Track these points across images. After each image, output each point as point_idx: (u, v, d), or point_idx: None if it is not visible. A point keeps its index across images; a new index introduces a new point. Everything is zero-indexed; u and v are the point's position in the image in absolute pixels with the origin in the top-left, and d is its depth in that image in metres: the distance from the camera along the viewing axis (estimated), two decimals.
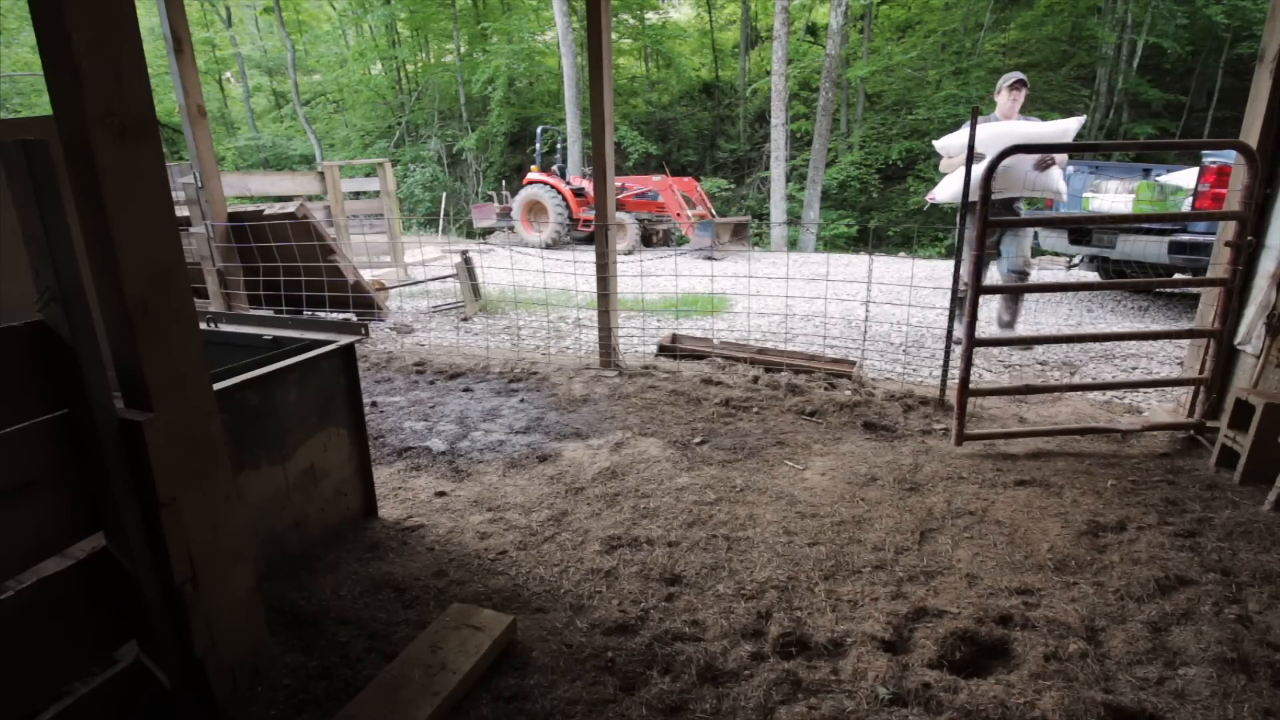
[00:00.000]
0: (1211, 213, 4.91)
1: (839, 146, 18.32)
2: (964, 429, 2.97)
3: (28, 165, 1.10)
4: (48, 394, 1.21)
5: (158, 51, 15.80)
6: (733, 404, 3.46)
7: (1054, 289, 3.20)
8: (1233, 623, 1.76)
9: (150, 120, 1.26)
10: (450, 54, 23.43)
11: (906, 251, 13.58)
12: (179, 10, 4.53)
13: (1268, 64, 2.68)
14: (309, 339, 2.21)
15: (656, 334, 5.05)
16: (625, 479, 2.68)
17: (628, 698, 1.54)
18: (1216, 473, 2.68)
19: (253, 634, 1.54)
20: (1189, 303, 6.57)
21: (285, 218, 4.96)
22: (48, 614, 1.21)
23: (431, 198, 20.10)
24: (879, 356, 4.75)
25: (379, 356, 4.47)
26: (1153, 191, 6.25)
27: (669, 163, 18.46)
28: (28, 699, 1.22)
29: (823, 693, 1.55)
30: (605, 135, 3.89)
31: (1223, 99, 16.05)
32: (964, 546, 2.17)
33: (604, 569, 2.06)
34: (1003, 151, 2.79)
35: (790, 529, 2.28)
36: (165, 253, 1.30)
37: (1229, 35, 15.60)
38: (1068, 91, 17.52)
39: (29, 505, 1.17)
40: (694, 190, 12.64)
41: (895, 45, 18.83)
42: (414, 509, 2.46)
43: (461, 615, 1.72)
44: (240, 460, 1.84)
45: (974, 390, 3.13)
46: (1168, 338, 3.32)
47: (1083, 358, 4.81)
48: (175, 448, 1.32)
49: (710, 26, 22.94)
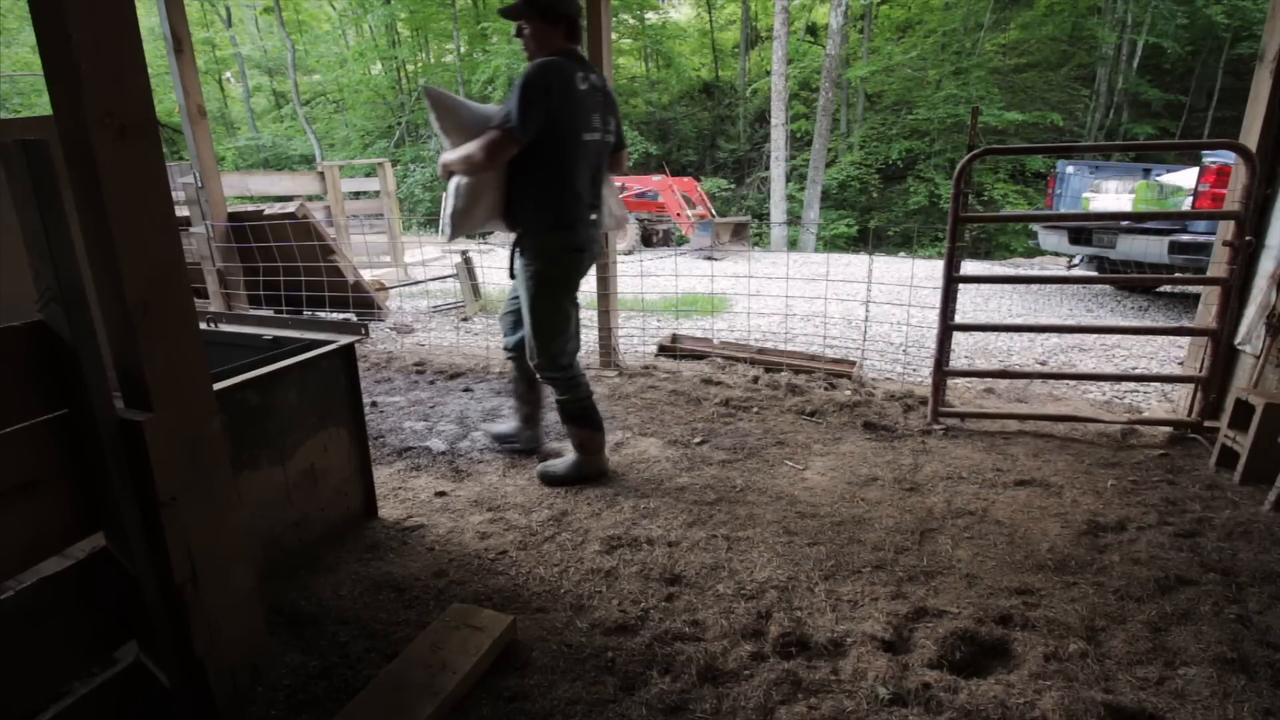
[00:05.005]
0: (1211, 212, 4.92)
1: (839, 146, 18.33)
2: (939, 408, 3.18)
3: (28, 165, 1.10)
4: (48, 394, 1.21)
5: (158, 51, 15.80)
6: (733, 404, 3.46)
7: (1026, 280, 3.23)
8: (1233, 623, 1.76)
9: (150, 120, 1.26)
10: (450, 54, 23.43)
11: (906, 251, 13.59)
12: (179, 10, 4.53)
13: (1268, 64, 2.68)
14: (309, 339, 2.21)
15: (656, 334, 5.05)
16: (625, 479, 2.68)
17: (628, 698, 1.54)
18: (1216, 473, 2.68)
19: (253, 634, 1.54)
20: (1189, 303, 6.57)
21: (285, 218, 4.96)
22: (48, 614, 1.21)
23: (432, 198, 20.10)
24: (879, 356, 4.75)
25: (379, 356, 4.47)
26: (1152, 191, 6.25)
27: (669, 163, 18.46)
28: (28, 699, 1.22)
29: (823, 693, 1.55)
30: None
31: (1223, 99, 16.05)
32: (964, 546, 2.17)
33: (604, 569, 2.06)
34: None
35: (790, 529, 2.28)
36: (165, 253, 1.30)
37: (1229, 35, 15.61)
38: (1068, 91, 17.53)
39: (29, 505, 1.17)
40: (694, 190, 12.64)
41: (895, 45, 18.84)
42: (414, 509, 2.46)
43: (461, 615, 1.72)
44: (240, 460, 1.84)
45: (950, 371, 3.26)
46: (1163, 334, 3.35)
47: (1082, 358, 4.81)
48: (175, 448, 1.32)
49: (710, 26, 22.94)
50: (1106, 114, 17.22)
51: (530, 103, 2.23)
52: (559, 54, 2.34)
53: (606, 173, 2.62)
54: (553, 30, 2.36)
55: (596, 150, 2.45)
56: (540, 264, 2.43)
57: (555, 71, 2.27)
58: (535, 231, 2.43)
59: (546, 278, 2.44)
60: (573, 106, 2.31)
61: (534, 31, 2.36)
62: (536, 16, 2.34)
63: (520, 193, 2.41)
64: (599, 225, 2.58)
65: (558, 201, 2.39)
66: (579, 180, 2.40)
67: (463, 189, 2.40)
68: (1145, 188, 6.29)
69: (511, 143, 2.25)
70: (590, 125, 2.39)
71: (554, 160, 2.35)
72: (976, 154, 2.96)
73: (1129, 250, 6.22)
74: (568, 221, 2.40)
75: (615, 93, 2.58)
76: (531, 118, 2.23)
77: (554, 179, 2.37)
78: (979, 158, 2.98)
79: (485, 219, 2.47)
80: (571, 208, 2.40)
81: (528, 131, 2.24)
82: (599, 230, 2.59)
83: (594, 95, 2.40)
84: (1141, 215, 4.49)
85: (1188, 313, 6.19)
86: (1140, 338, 5.14)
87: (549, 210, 2.39)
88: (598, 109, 2.42)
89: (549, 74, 2.26)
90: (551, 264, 2.44)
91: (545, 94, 2.24)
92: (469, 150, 2.29)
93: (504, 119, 2.24)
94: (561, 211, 2.39)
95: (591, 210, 2.50)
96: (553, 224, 2.40)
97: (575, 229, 2.42)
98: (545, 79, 2.25)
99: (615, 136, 2.59)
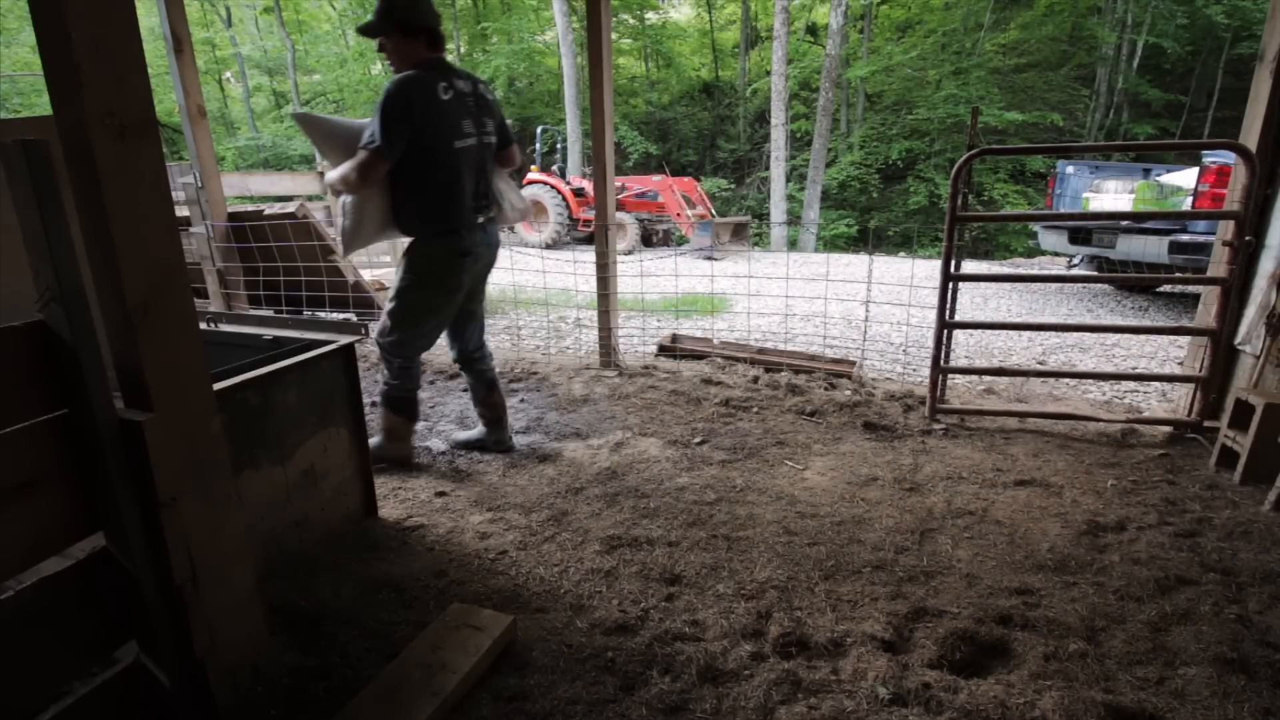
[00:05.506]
0: (1211, 212, 4.92)
1: (839, 146, 18.32)
2: (937, 405, 3.21)
3: (28, 165, 1.10)
4: (48, 394, 1.21)
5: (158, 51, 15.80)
6: (733, 404, 3.46)
7: (1025, 280, 3.23)
8: (1233, 623, 1.76)
9: (150, 120, 1.26)
10: (450, 54, 23.43)
11: (906, 251, 13.59)
12: (179, 10, 4.53)
13: (1268, 64, 2.68)
14: (309, 339, 2.21)
15: (656, 334, 5.05)
16: (625, 479, 2.68)
17: (628, 698, 1.54)
18: (1216, 473, 2.68)
19: (253, 634, 1.54)
20: (1189, 303, 6.58)
21: (285, 218, 4.96)
22: (48, 614, 1.21)
23: None
24: (879, 356, 4.75)
25: (379, 356, 4.47)
26: (1152, 191, 6.25)
27: (669, 163, 18.45)
28: (28, 699, 1.22)
29: (823, 693, 1.55)
30: (605, 135, 3.89)
31: (1223, 99, 16.04)
32: (964, 546, 2.17)
33: (604, 569, 2.06)
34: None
35: (790, 529, 2.28)
36: (165, 253, 1.30)
37: (1229, 35, 15.60)
38: (1068, 91, 17.52)
39: (29, 505, 1.17)
40: (694, 190, 12.63)
41: (895, 45, 18.83)
42: (414, 509, 2.46)
43: (461, 615, 1.72)
44: (240, 460, 1.84)
45: (948, 369, 3.31)
46: (1163, 334, 3.36)
47: (1082, 357, 4.81)
48: (175, 448, 1.32)
49: (710, 26, 22.94)
50: (1106, 114, 17.22)
51: (392, 121, 2.29)
52: (423, 64, 2.39)
53: (496, 171, 2.69)
54: (414, 43, 2.39)
55: (476, 154, 2.53)
56: (422, 264, 2.54)
57: (415, 86, 2.32)
58: (422, 238, 2.53)
59: (424, 274, 2.55)
60: (438, 118, 2.37)
61: (395, 46, 2.39)
62: (395, 31, 2.37)
63: (403, 204, 2.49)
64: (494, 224, 2.70)
65: (440, 210, 2.48)
66: (460, 187, 2.48)
67: (349, 207, 2.48)
68: (1145, 188, 6.29)
69: (380, 162, 2.32)
70: (461, 132, 2.46)
71: (429, 171, 2.42)
72: (975, 154, 2.97)
73: (1129, 250, 6.22)
74: (452, 227, 2.50)
75: (491, 92, 2.65)
76: (395, 136, 2.30)
77: (432, 188, 2.45)
78: (978, 157, 2.98)
79: (377, 231, 2.56)
80: (455, 215, 2.49)
81: (394, 150, 2.32)
82: (495, 227, 2.72)
83: (462, 101, 2.46)
84: (1141, 215, 4.48)
85: (1188, 313, 6.19)
86: (1140, 337, 5.14)
87: (432, 219, 2.49)
88: (468, 114, 2.48)
89: (408, 90, 2.31)
90: (433, 265, 2.54)
91: (406, 111, 2.30)
92: (344, 171, 2.36)
93: (369, 140, 2.30)
94: (445, 218, 2.49)
95: (478, 213, 2.58)
96: (438, 230, 2.50)
97: (460, 234, 2.52)
98: (405, 96, 2.30)
99: (497, 136, 2.65)
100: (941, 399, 3.34)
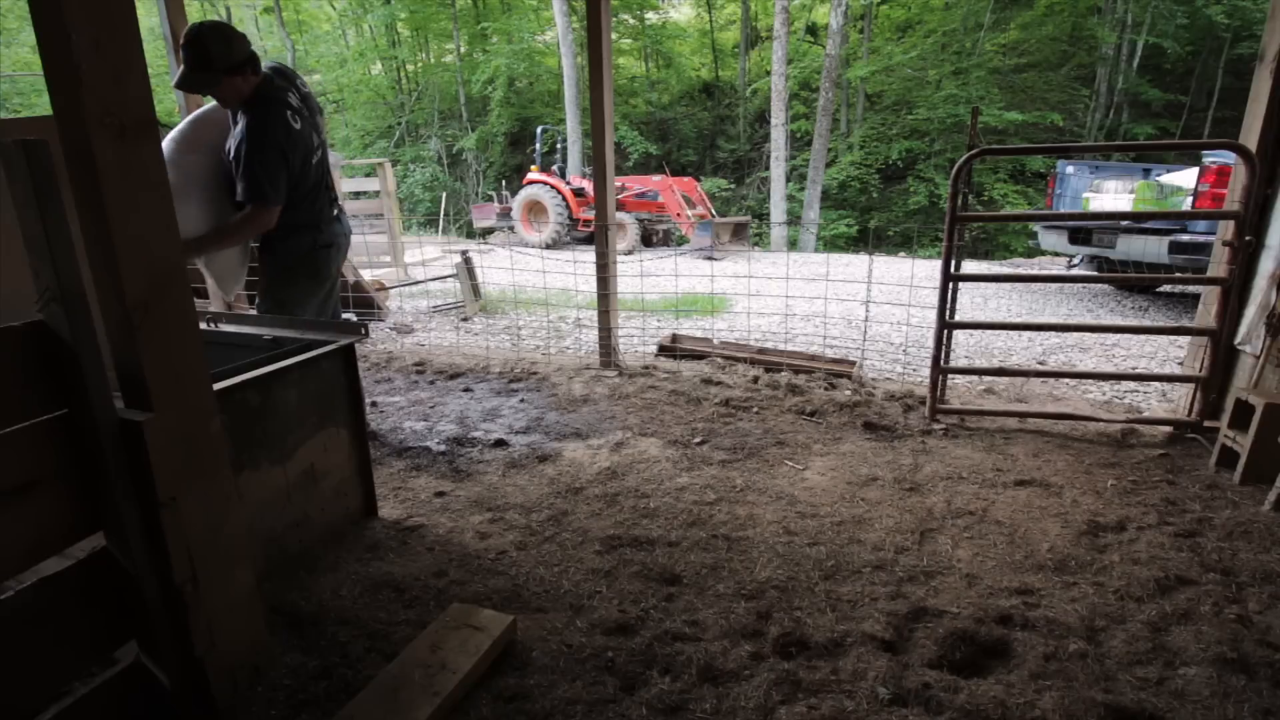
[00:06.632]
0: (1211, 212, 4.92)
1: (839, 146, 18.32)
2: (937, 405, 3.23)
3: (28, 165, 1.10)
4: (48, 394, 1.21)
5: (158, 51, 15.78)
6: (733, 404, 3.46)
7: (1025, 280, 3.23)
8: (1233, 623, 1.76)
9: (150, 120, 1.26)
10: (450, 54, 23.42)
11: (906, 251, 13.58)
12: (179, 10, 4.52)
13: (1268, 64, 2.68)
14: (309, 339, 2.21)
15: (656, 334, 5.05)
16: (625, 479, 2.68)
17: (628, 698, 1.54)
18: (1216, 473, 2.68)
19: (253, 634, 1.54)
20: (1189, 303, 6.58)
21: None
22: (48, 614, 1.21)
23: (431, 198, 20.09)
24: (879, 356, 4.75)
25: (379, 356, 4.47)
26: (1152, 191, 6.25)
27: (669, 163, 18.44)
28: (28, 699, 1.22)
29: (823, 693, 1.55)
30: (605, 135, 3.89)
31: (1223, 99, 16.04)
32: (964, 546, 2.17)
33: (604, 569, 2.06)
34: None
35: (790, 529, 2.28)
36: (165, 253, 1.30)
37: (1229, 35, 15.59)
38: (1068, 91, 17.52)
39: (29, 505, 1.17)
40: (694, 190, 12.63)
41: (895, 45, 18.82)
42: (414, 509, 2.46)
43: (461, 615, 1.72)
44: (240, 460, 1.84)
45: (948, 368, 3.32)
46: (1163, 334, 3.35)
47: (1082, 357, 4.81)
48: (175, 448, 1.32)
49: (710, 26, 22.93)
50: (1106, 114, 17.21)
51: (276, 170, 2.42)
52: (261, 90, 2.43)
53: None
54: (243, 77, 2.41)
55: (323, 158, 2.70)
56: (292, 260, 2.69)
57: (281, 127, 2.41)
58: (288, 237, 2.64)
59: (297, 270, 2.71)
60: (301, 146, 2.50)
61: (226, 86, 2.41)
62: (222, 75, 2.38)
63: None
64: (344, 213, 2.91)
65: (306, 216, 2.64)
66: (319, 193, 2.67)
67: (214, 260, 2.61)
68: (1145, 188, 6.29)
69: (274, 212, 2.47)
70: (312, 145, 2.60)
71: (295, 191, 2.56)
72: (975, 154, 2.97)
73: (1129, 250, 6.22)
74: (315, 222, 2.68)
75: (306, 84, 2.71)
76: (281, 182, 2.45)
77: (298, 202, 2.59)
78: (978, 157, 2.99)
79: (243, 262, 2.74)
80: (318, 215, 2.69)
81: (283, 194, 2.47)
82: (346, 216, 2.92)
83: (308, 120, 2.57)
84: (1141, 215, 4.48)
85: (1188, 313, 6.19)
86: (1140, 337, 5.14)
87: (300, 227, 2.64)
88: (313, 128, 2.61)
89: (277, 133, 2.40)
90: (303, 260, 2.70)
91: (283, 155, 2.43)
92: (231, 234, 2.50)
93: (258, 194, 2.40)
94: (312, 222, 2.67)
95: (333, 206, 2.79)
96: (304, 233, 2.66)
97: (321, 228, 2.71)
98: (276, 140, 2.40)
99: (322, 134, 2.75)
100: (941, 399, 3.34)
